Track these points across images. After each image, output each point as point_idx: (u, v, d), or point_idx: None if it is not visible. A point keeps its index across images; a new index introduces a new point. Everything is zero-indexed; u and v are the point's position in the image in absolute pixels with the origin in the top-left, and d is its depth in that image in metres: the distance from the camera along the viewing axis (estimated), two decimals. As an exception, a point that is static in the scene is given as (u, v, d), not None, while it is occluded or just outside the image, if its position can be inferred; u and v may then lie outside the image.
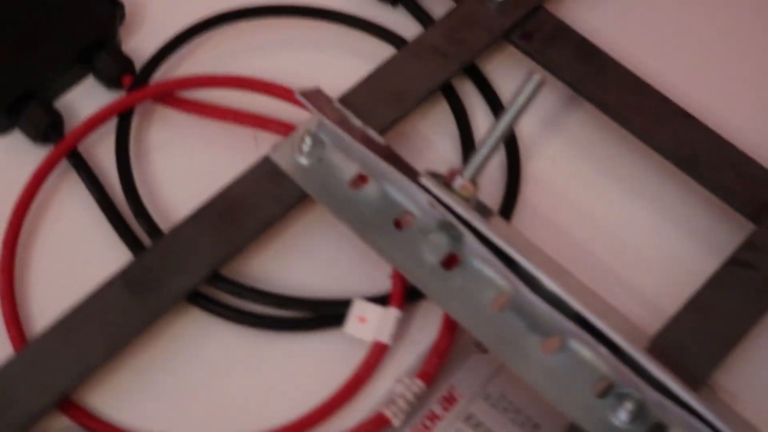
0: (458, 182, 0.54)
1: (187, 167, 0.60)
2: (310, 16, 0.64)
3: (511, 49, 0.64)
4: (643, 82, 0.62)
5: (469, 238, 0.53)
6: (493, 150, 0.53)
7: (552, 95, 0.63)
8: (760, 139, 0.61)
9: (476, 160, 0.54)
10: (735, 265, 0.56)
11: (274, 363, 0.55)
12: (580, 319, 0.52)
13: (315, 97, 0.57)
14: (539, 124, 0.62)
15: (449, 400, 0.55)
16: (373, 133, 0.56)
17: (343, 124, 0.56)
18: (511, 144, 0.61)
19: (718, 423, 0.49)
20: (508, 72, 0.64)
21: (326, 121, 0.56)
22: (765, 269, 0.56)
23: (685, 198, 0.61)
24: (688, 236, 0.60)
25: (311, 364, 0.55)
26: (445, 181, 0.54)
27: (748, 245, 0.57)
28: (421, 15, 0.65)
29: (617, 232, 0.60)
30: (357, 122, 0.57)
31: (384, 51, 0.64)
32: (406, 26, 0.65)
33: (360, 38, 0.65)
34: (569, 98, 0.63)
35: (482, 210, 0.54)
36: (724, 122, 0.61)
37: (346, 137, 0.55)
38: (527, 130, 0.62)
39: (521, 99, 0.53)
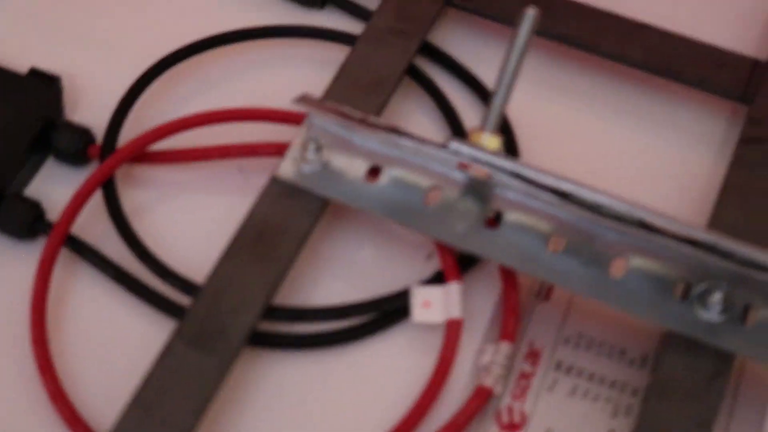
0: (485, 137, 0.53)
1: (185, 219, 0.57)
2: (247, 39, 0.62)
3: (454, 15, 0.64)
4: (592, 8, 0.63)
5: (514, 184, 0.53)
6: (507, 97, 0.53)
7: (504, 40, 0.63)
8: (714, 29, 0.63)
9: (494, 112, 0.53)
10: (747, 143, 0.58)
11: (355, 375, 0.53)
12: (642, 227, 0.52)
13: (308, 101, 0.55)
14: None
15: (534, 355, 0.54)
16: (376, 119, 0.55)
17: (346, 117, 0.55)
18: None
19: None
20: (460, 40, 0.64)
21: (331, 118, 0.54)
22: (774, 140, 0.58)
23: (672, 103, 0.62)
24: (686, 139, 0.61)
25: (391, 364, 0.53)
26: (472, 140, 0.53)
27: (752, 121, 0.58)
28: (354, 9, 0.64)
29: (622, 156, 0.60)
30: (356, 113, 0.55)
31: (331, 53, 0.62)
32: (341, 25, 0.64)
33: (300, 46, 0.63)
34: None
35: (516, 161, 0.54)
36: (677, 24, 0.63)
37: (359, 127, 0.54)
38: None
39: (521, 38, 0.53)
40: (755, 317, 0.52)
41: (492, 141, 0.53)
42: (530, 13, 0.52)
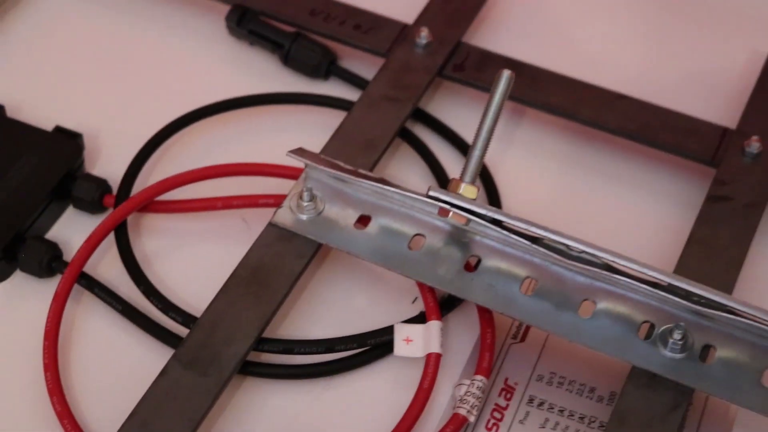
0: (463, 187, 0.58)
1: (190, 262, 0.62)
2: (256, 104, 0.68)
3: (447, 85, 0.69)
4: (574, 79, 0.68)
5: (489, 231, 0.57)
6: (485, 150, 0.58)
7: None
8: (685, 100, 0.68)
9: (472, 163, 0.58)
10: (714, 201, 0.62)
11: (341, 404, 0.57)
12: (608, 269, 0.56)
13: (304, 153, 0.60)
14: (496, 142, 0.67)
15: (508, 390, 0.58)
16: (365, 171, 0.60)
17: (338, 169, 0.60)
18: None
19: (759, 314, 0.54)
20: (451, 107, 0.69)
21: (323, 168, 0.59)
22: (740, 198, 0.62)
23: (645, 166, 0.67)
24: (657, 197, 0.66)
25: (375, 395, 0.57)
26: (451, 188, 0.58)
27: (718, 182, 0.63)
28: (354, 79, 0.69)
29: (597, 214, 0.65)
30: (347, 166, 0.60)
31: (333, 119, 0.67)
32: (344, 94, 0.69)
33: (305, 112, 0.69)
34: (514, 111, 0.69)
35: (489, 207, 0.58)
36: (652, 95, 0.68)
37: (348, 177, 0.59)
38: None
39: (498, 96, 0.58)
40: (714, 356, 0.55)
41: (469, 190, 0.58)
42: (506, 74, 0.57)
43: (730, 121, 0.67)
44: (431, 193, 0.58)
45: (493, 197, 0.64)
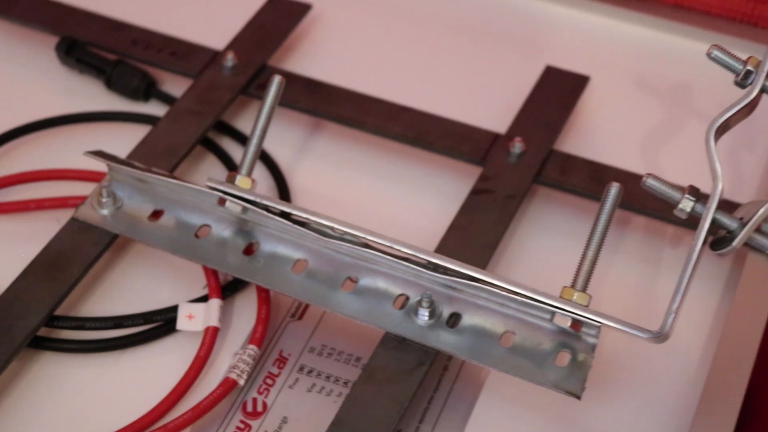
0: (238, 179, 0.65)
1: (4, 259, 0.68)
2: (72, 123, 0.75)
3: (255, 102, 0.76)
4: (363, 95, 0.75)
5: (265, 219, 0.64)
6: (259, 146, 0.65)
7: (298, 126, 0.76)
8: (469, 111, 0.75)
9: (247, 157, 0.65)
10: (477, 194, 0.69)
11: (127, 376, 0.63)
12: (366, 247, 0.63)
13: (101, 154, 0.67)
14: (295, 150, 0.75)
15: (281, 360, 0.64)
16: (158, 170, 0.67)
17: (134, 168, 0.66)
18: (274, 169, 0.73)
19: (504, 284, 0.61)
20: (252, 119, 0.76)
21: (121, 167, 0.66)
22: (499, 192, 0.69)
23: (425, 169, 0.74)
24: (435, 195, 0.73)
25: (159, 368, 0.63)
26: (228, 180, 0.65)
27: (483, 178, 0.70)
28: (171, 100, 0.76)
29: (380, 211, 0.72)
30: (141, 165, 0.67)
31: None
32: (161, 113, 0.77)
33: (125, 129, 0.76)
34: (312, 125, 0.76)
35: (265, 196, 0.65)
36: (431, 107, 0.75)
37: (144, 174, 0.65)
38: (286, 156, 0.74)
39: (270, 99, 0.65)
40: (460, 323, 0.62)
41: (244, 181, 0.65)
42: (276, 79, 0.65)
43: (504, 129, 0.74)
44: (209, 184, 0.65)
45: (285, 196, 0.71)
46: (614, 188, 0.60)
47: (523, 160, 0.71)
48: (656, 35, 0.83)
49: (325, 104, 0.75)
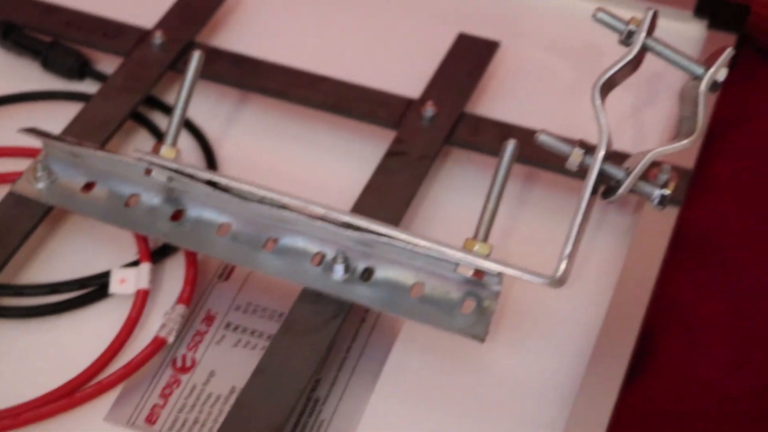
0: (163, 149, 0.69)
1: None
2: (9, 103, 0.79)
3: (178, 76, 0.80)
4: (286, 67, 0.79)
5: (189, 187, 0.68)
6: (182, 117, 0.69)
7: (225, 99, 0.80)
8: (387, 79, 0.80)
9: (171, 129, 0.69)
10: (391, 156, 0.73)
11: (64, 340, 0.67)
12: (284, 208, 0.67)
13: (35, 131, 0.71)
14: (223, 122, 0.79)
15: (209, 319, 0.68)
16: (89, 144, 0.71)
17: (67, 143, 0.70)
18: (202, 140, 0.77)
19: (412, 238, 0.65)
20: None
21: (54, 143, 0.70)
22: (412, 153, 0.74)
23: (346, 135, 0.78)
24: (351, 158, 0.77)
25: (95, 330, 0.67)
26: (153, 151, 0.69)
27: (397, 141, 0.74)
28: (105, 78, 0.80)
29: (302, 176, 0.76)
30: (72, 139, 0.71)
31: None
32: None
33: (62, 107, 0.79)
34: (239, 98, 0.80)
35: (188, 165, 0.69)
36: (351, 76, 0.79)
37: (75, 148, 0.69)
38: (215, 128, 0.78)
39: (191, 73, 0.69)
40: (373, 277, 0.66)
41: (168, 151, 0.69)
42: (195, 54, 0.69)
43: (418, 94, 0.78)
44: (135, 155, 0.69)
45: (212, 165, 0.75)
46: (510, 144, 0.65)
47: (435, 122, 0.75)
48: (568, 1, 0.88)
49: (251, 77, 0.79)
